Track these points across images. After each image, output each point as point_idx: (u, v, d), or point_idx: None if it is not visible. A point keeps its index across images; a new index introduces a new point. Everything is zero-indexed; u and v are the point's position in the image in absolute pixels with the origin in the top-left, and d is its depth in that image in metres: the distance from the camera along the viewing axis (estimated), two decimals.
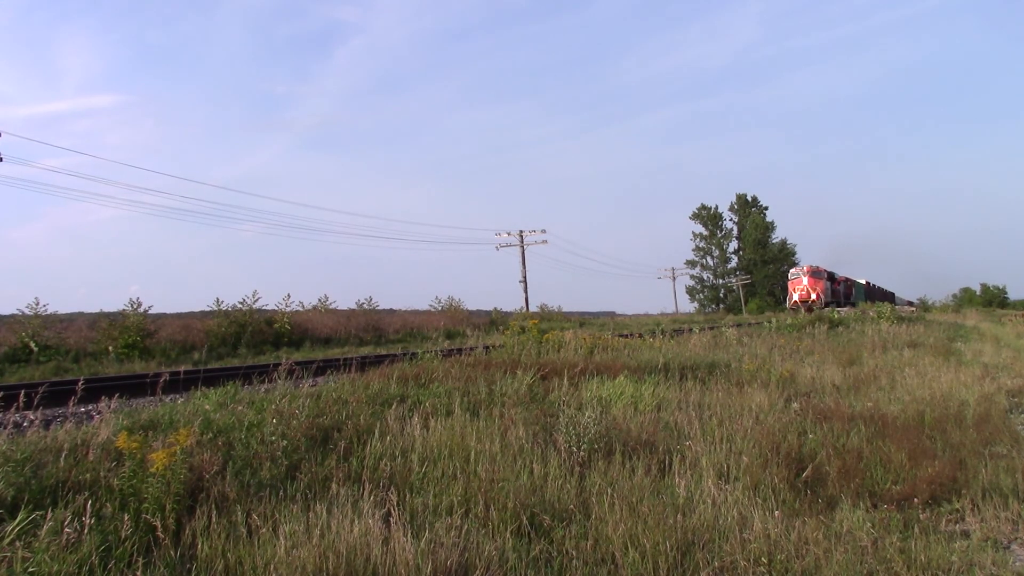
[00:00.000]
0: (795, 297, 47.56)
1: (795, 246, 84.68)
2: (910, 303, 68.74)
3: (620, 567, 3.83)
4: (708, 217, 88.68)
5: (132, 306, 20.74)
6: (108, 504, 3.96)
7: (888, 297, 65.98)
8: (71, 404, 6.78)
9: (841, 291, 52.43)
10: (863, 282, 62.08)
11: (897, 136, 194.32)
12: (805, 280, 47.60)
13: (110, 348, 18.72)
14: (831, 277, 50.97)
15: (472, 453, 5.30)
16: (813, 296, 46.22)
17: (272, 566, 3.52)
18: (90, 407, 7.71)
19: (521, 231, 48.24)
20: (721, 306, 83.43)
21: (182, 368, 11.39)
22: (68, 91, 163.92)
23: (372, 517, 3.95)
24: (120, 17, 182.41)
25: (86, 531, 3.60)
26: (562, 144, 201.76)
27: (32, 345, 17.93)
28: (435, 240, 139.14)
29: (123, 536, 3.67)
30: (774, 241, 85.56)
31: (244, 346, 21.30)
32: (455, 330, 27.91)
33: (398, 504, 4.29)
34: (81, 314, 25.98)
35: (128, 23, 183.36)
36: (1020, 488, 5.31)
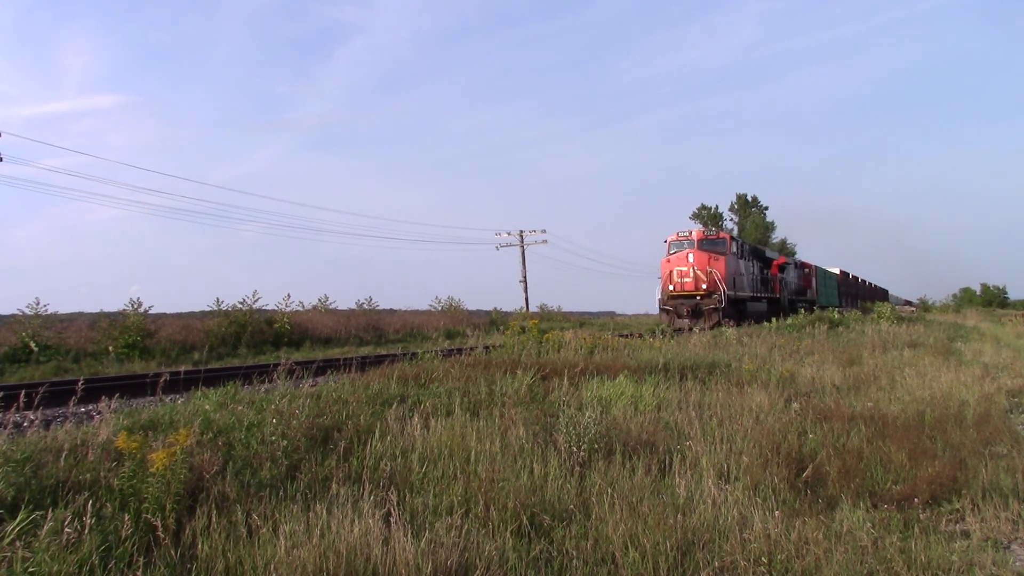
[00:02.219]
0: (671, 287, 25.77)
1: (795, 245, 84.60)
2: (908, 302, 66.44)
3: (620, 567, 3.83)
4: (708, 217, 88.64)
5: (132, 306, 20.75)
6: (108, 504, 3.96)
7: (879, 295, 58.71)
8: (71, 404, 6.77)
9: (791, 282, 34.34)
10: (835, 271, 44.46)
11: (897, 135, 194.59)
12: (691, 257, 25.48)
13: (110, 348, 18.73)
14: (756, 254, 30.58)
15: (472, 453, 5.29)
16: (704, 284, 24.69)
17: (272, 566, 3.52)
18: (90, 407, 7.71)
19: (521, 231, 48.27)
20: None
21: (182, 368, 11.39)
22: (69, 91, 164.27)
23: (372, 517, 3.94)
24: (121, 17, 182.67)
25: (86, 531, 3.60)
26: (562, 144, 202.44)
27: (32, 345, 17.92)
28: (435, 240, 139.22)
29: (123, 536, 3.67)
30: (774, 241, 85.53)
31: (244, 346, 21.32)
32: (455, 330, 27.95)
33: (398, 504, 4.29)
34: (81, 314, 26.01)
35: (129, 23, 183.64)
36: (1020, 488, 5.31)
